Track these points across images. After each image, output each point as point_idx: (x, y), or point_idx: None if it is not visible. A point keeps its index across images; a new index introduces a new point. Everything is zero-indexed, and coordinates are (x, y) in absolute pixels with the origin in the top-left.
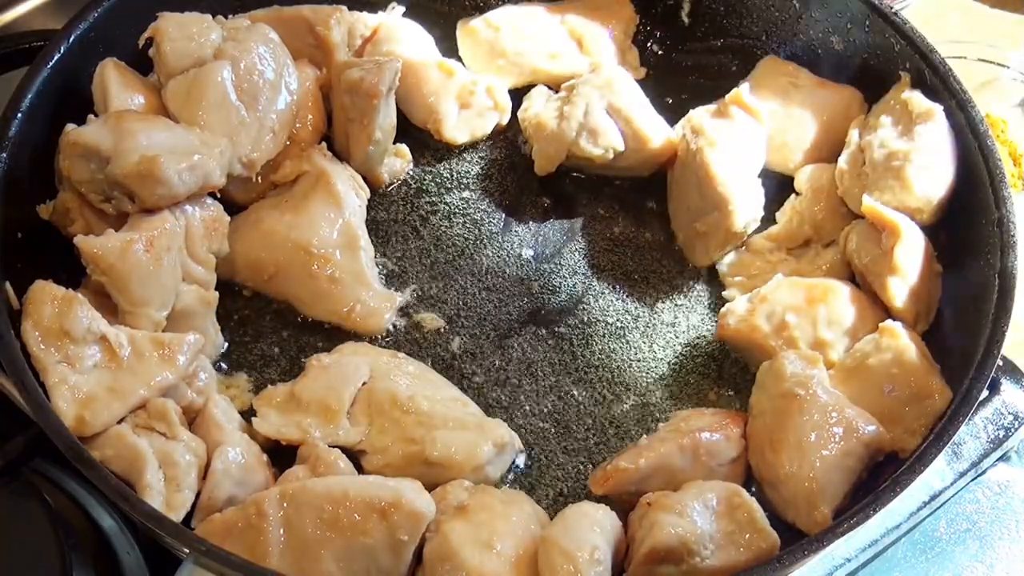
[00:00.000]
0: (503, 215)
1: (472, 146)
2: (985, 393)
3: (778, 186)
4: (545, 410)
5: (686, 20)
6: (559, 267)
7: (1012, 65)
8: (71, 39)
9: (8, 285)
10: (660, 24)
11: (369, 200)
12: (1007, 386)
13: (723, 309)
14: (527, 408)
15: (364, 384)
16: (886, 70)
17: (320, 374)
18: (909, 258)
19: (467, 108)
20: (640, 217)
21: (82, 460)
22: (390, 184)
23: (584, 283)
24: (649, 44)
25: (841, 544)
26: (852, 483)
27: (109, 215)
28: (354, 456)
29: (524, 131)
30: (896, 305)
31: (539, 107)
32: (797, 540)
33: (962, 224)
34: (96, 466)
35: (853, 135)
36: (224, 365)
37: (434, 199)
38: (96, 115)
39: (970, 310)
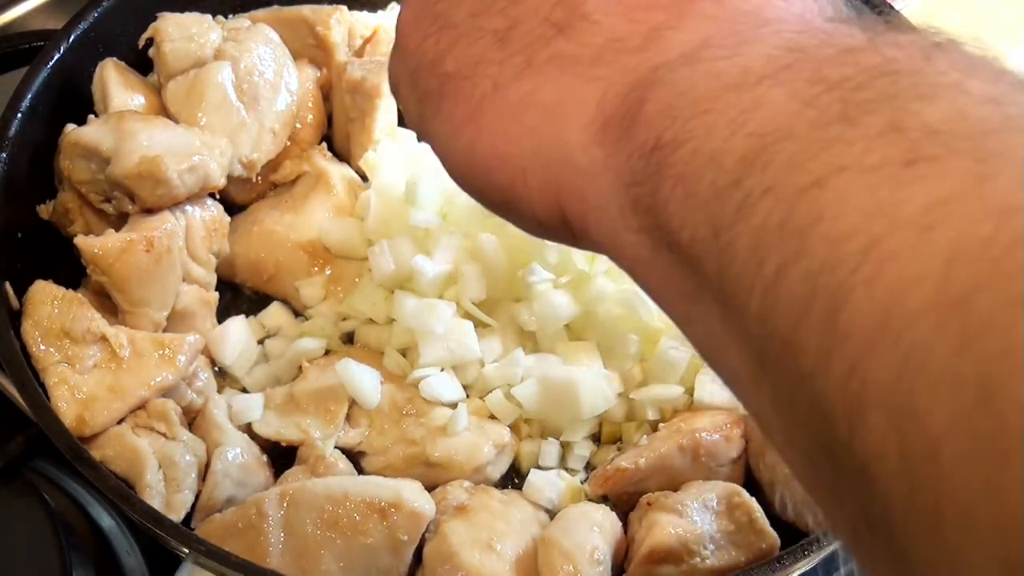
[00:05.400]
0: None
1: None
2: None
3: None
4: None
5: None
6: None
7: (1012, 65)
8: (71, 39)
9: (8, 285)
10: None
11: None
12: None
13: None
14: None
15: None
16: None
17: (319, 375)
18: None
19: None
20: None
21: (82, 460)
22: None
23: None
24: None
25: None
26: None
27: (109, 215)
28: (354, 457)
29: None
30: None
31: None
32: (797, 540)
33: None
34: (96, 466)
35: None
36: None
37: None
38: (96, 115)
39: None
